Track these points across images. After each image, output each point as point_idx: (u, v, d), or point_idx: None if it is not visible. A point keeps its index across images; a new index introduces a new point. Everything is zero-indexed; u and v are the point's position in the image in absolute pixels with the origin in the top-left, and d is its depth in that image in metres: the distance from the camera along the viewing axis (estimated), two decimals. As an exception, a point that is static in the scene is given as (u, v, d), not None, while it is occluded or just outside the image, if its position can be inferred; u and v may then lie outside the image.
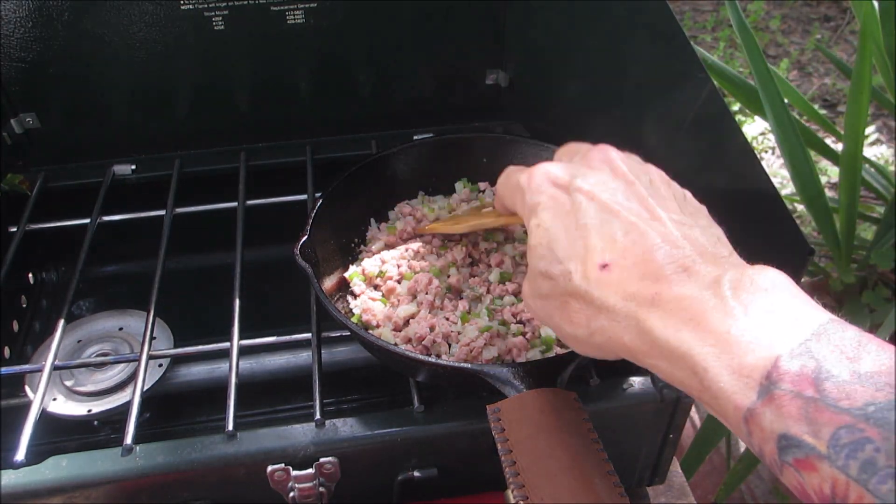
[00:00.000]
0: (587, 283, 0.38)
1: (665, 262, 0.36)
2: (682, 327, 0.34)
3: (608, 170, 0.42)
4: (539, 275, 0.41)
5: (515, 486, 0.42)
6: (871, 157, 1.74)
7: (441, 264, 0.68)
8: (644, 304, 0.35)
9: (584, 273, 0.38)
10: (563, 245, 0.39)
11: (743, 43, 1.16)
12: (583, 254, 0.38)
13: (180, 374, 0.73)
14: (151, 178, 0.85)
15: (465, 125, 0.92)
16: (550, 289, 0.40)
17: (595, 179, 0.41)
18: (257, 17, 0.79)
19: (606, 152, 0.44)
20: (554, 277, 0.39)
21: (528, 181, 0.44)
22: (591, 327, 0.38)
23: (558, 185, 0.42)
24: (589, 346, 0.39)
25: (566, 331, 0.40)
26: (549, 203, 0.41)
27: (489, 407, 0.48)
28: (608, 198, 0.40)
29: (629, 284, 0.36)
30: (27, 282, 0.89)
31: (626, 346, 0.36)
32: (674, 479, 0.72)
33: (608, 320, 0.37)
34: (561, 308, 0.40)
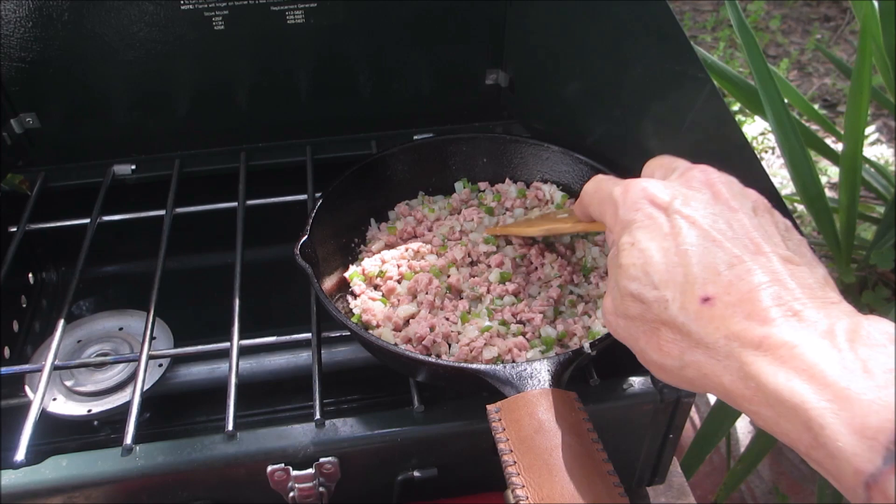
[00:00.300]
0: (685, 314, 0.36)
1: (773, 303, 0.34)
2: (795, 377, 0.31)
3: (710, 193, 0.40)
4: (629, 296, 0.39)
5: (515, 486, 0.42)
6: (871, 157, 1.74)
7: (441, 264, 0.68)
8: (749, 346, 0.33)
9: (682, 303, 0.36)
10: (659, 269, 0.37)
11: (743, 43, 1.16)
12: (682, 283, 0.36)
13: (180, 374, 0.73)
14: (151, 178, 0.85)
15: (465, 125, 0.92)
16: (640, 312, 0.38)
17: (697, 203, 0.39)
18: (257, 16, 0.79)
19: (708, 173, 0.42)
20: (647, 302, 0.38)
21: (623, 195, 0.42)
22: (684, 360, 0.36)
23: (656, 204, 0.40)
24: (677, 377, 0.38)
25: (653, 358, 0.39)
26: (645, 222, 0.40)
27: (489, 407, 0.48)
28: (710, 225, 0.38)
29: (733, 322, 0.34)
30: (27, 282, 0.89)
31: (723, 386, 0.35)
32: (674, 479, 0.72)
33: (706, 357, 0.35)
34: (650, 334, 0.38)
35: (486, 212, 0.75)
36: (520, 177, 0.78)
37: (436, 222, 0.74)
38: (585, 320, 0.64)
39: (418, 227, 0.74)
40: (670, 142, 0.66)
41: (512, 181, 0.78)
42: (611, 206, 0.43)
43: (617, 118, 0.73)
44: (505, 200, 0.76)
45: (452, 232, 0.73)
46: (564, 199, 0.74)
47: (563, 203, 0.74)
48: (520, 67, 0.87)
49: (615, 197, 0.42)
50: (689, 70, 0.59)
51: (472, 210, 0.75)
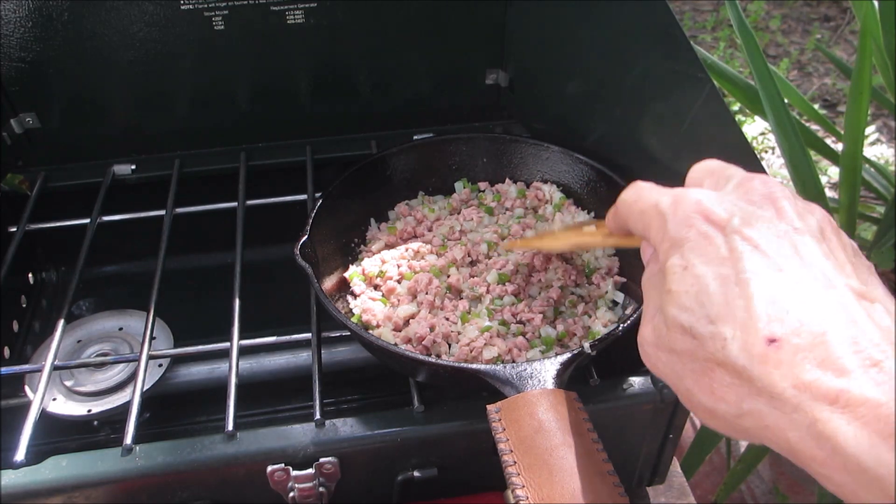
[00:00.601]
0: (748, 357, 0.31)
1: (851, 350, 0.29)
2: (881, 443, 0.27)
3: (773, 210, 0.35)
4: (678, 328, 0.34)
5: (515, 486, 0.42)
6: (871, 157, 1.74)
7: (441, 264, 0.68)
8: (824, 400, 0.29)
9: (744, 343, 0.31)
10: (717, 301, 0.32)
11: (743, 43, 1.16)
12: (745, 319, 0.31)
13: (180, 374, 0.73)
14: (151, 178, 0.85)
15: (465, 125, 0.92)
16: (691, 348, 0.33)
17: (760, 223, 0.34)
18: (257, 17, 0.79)
19: (770, 186, 0.36)
20: (699, 338, 0.33)
21: (672, 207, 0.36)
22: (741, 408, 0.32)
23: (713, 221, 0.34)
24: (731, 426, 0.33)
25: (701, 401, 0.34)
26: (699, 242, 0.34)
27: (489, 407, 0.48)
28: (776, 250, 0.33)
29: (804, 371, 0.30)
30: (27, 282, 0.89)
31: (788, 442, 0.30)
32: (674, 479, 0.72)
33: (769, 407, 0.30)
34: (700, 374, 0.33)
35: (486, 212, 0.75)
36: (520, 177, 0.78)
37: (436, 222, 0.74)
38: (585, 320, 0.64)
39: (418, 227, 0.74)
40: (670, 142, 0.66)
41: (512, 181, 0.78)
42: (657, 220, 0.37)
43: (617, 118, 0.73)
44: (505, 200, 0.76)
45: (452, 232, 0.73)
46: (563, 201, 0.74)
47: (562, 204, 0.74)
48: (520, 67, 0.87)
49: (662, 209, 0.37)
50: (689, 70, 0.59)
51: (471, 210, 0.75)
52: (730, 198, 0.36)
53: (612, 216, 0.44)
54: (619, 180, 0.69)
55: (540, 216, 0.74)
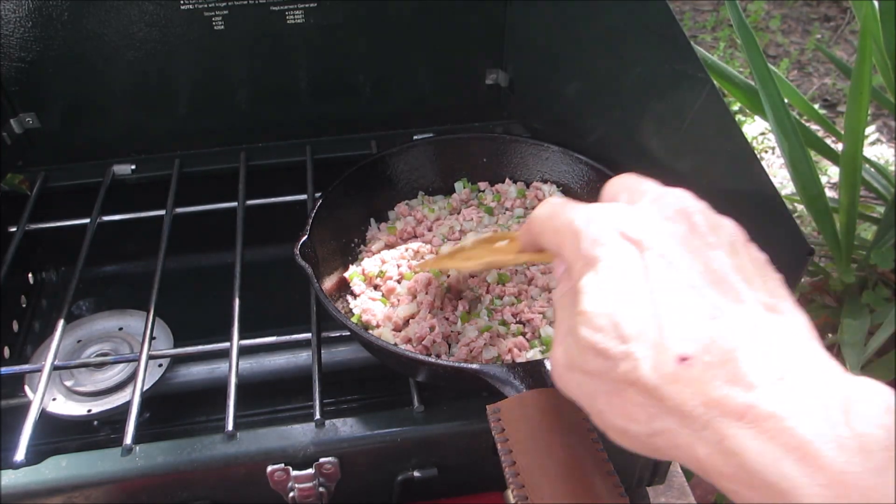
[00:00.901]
0: (659, 376, 0.30)
1: (758, 365, 0.29)
2: (784, 457, 0.27)
3: (686, 225, 0.34)
4: (590, 349, 0.33)
5: (515, 486, 0.42)
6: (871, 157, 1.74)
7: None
8: (731, 415, 0.29)
9: (655, 363, 0.31)
10: (629, 320, 0.32)
11: (743, 43, 1.16)
12: (655, 337, 0.31)
13: (180, 374, 0.73)
14: (151, 178, 0.85)
15: (465, 125, 0.92)
16: (603, 369, 0.32)
17: (674, 239, 0.34)
18: (257, 17, 0.79)
19: (684, 201, 0.36)
20: (611, 358, 0.32)
21: (586, 224, 0.35)
22: (652, 427, 0.31)
23: (627, 238, 0.34)
24: (643, 445, 0.33)
25: (614, 422, 0.33)
26: (613, 260, 0.33)
27: (489, 407, 0.48)
28: (689, 266, 0.32)
29: (713, 387, 0.29)
30: (27, 282, 0.89)
31: (698, 460, 0.30)
32: (674, 479, 0.72)
33: (679, 426, 0.30)
34: (612, 394, 0.33)
35: (485, 212, 0.75)
36: (520, 177, 0.78)
37: (436, 222, 0.74)
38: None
39: (418, 227, 0.74)
40: (670, 142, 0.66)
41: (512, 181, 0.78)
42: (571, 238, 0.36)
43: (617, 118, 0.73)
44: (505, 200, 0.76)
45: (452, 232, 0.73)
46: (564, 200, 0.74)
47: None
48: (520, 67, 0.87)
49: (577, 226, 0.36)
50: (689, 70, 0.59)
51: (471, 210, 0.75)
52: (644, 214, 0.35)
53: (524, 232, 0.44)
54: (619, 180, 0.69)
55: (540, 216, 0.74)
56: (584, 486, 0.41)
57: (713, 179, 0.61)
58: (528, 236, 0.43)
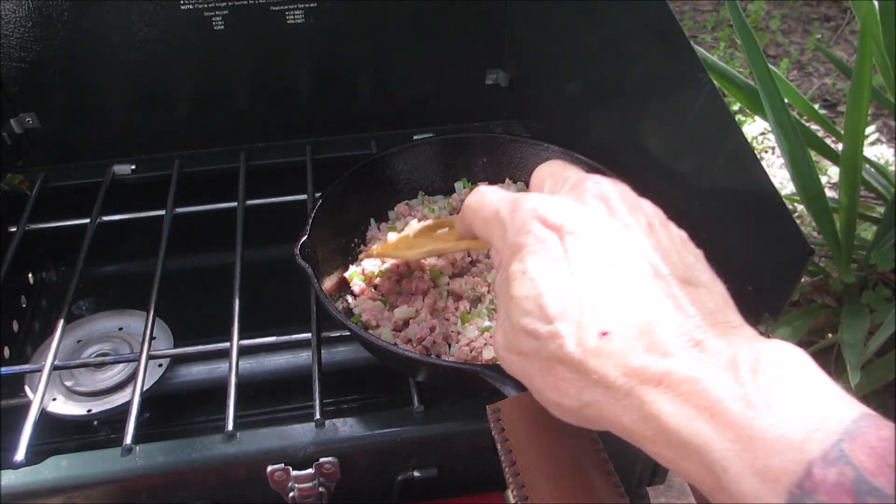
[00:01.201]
0: (582, 351, 0.32)
1: (674, 333, 0.31)
2: (697, 416, 0.29)
3: (604, 208, 0.37)
4: (522, 331, 0.35)
5: (515, 486, 0.42)
6: (871, 157, 1.74)
7: (441, 264, 0.68)
8: (649, 382, 0.31)
9: (579, 339, 0.33)
10: (553, 301, 0.34)
11: (743, 43, 1.16)
12: (578, 315, 0.33)
13: (180, 374, 0.73)
14: (151, 178, 0.85)
15: (465, 125, 0.92)
16: (534, 349, 0.35)
17: (591, 223, 0.36)
18: (257, 17, 0.79)
19: (601, 186, 0.38)
20: (540, 338, 0.34)
21: (511, 214, 0.38)
22: (582, 399, 0.33)
23: (548, 224, 0.36)
24: (577, 417, 0.35)
25: (549, 397, 0.35)
26: (536, 246, 0.35)
27: (489, 407, 0.47)
28: (606, 247, 0.35)
29: (632, 357, 0.31)
30: (27, 282, 0.89)
31: (623, 426, 0.32)
32: (674, 478, 0.72)
33: (604, 396, 0.32)
34: (545, 372, 0.35)
35: (486, 212, 0.75)
36: (520, 177, 0.78)
37: (436, 222, 0.74)
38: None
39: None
40: (670, 142, 0.66)
41: (512, 181, 0.78)
42: (498, 227, 0.39)
43: (617, 118, 0.73)
44: (505, 200, 0.76)
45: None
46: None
47: None
48: (520, 67, 0.87)
49: (502, 216, 0.38)
50: (689, 70, 0.59)
51: (472, 210, 0.75)
52: (564, 200, 0.37)
53: (459, 221, 0.45)
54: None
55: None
56: (584, 487, 0.42)
57: (713, 179, 0.60)
58: (463, 225, 0.45)
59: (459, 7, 0.83)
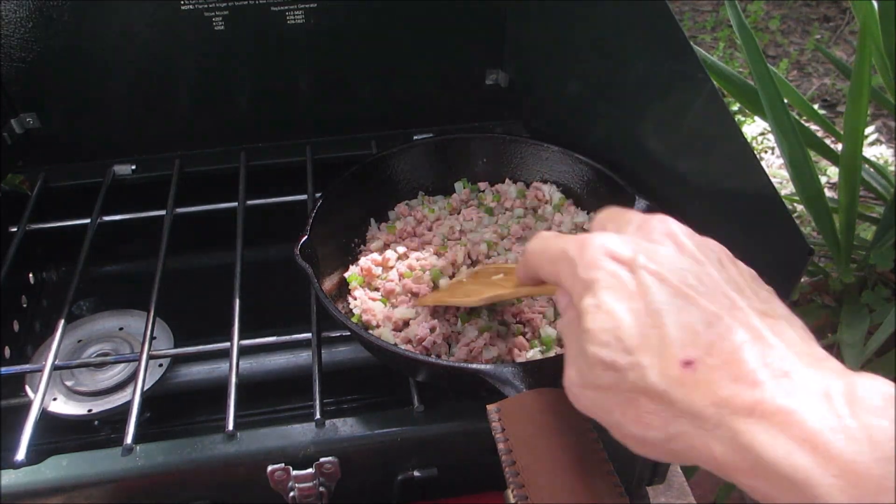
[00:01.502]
0: (667, 381, 0.32)
1: (759, 363, 0.31)
2: (796, 449, 0.28)
3: (673, 246, 0.37)
4: (599, 364, 0.35)
5: (515, 486, 0.42)
6: (870, 157, 1.74)
7: (441, 265, 0.68)
8: (741, 412, 0.30)
9: (661, 369, 0.32)
10: (632, 333, 0.34)
11: (743, 43, 1.16)
12: (658, 346, 0.33)
13: (180, 374, 0.73)
14: (151, 178, 0.86)
15: (465, 125, 0.92)
16: (614, 381, 0.34)
17: (663, 258, 0.36)
18: (257, 17, 0.79)
19: (668, 224, 0.38)
20: (620, 369, 0.34)
21: (579, 252, 0.38)
22: (668, 431, 0.33)
23: (619, 259, 0.36)
24: (662, 451, 0.34)
25: (632, 432, 0.35)
26: (609, 281, 0.36)
27: (489, 407, 0.48)
28: (679, 280, 0.35)
29: (720, 387, 0.31)
30: (27, 282, 0.89)
31: (715, 458, 0.31)
32: (674, 478, 0.72)
33: (693, 427, 0.32)
34: (626, 405, 0.34)
35: (485, 212, 0.75)
36: (520, 177, 0.78)
37: (436, 222, 0.74)
38: (585, 320, 0.64)
39: (418, 227, 0.74)
40: (670, 142, 0.66)
41: (512, 181, 0.78)
42: (566, 266, 0.38)
43: (617, 118, 0.73)
44: (505, 200, 0.76)
45: (452, 232, 0.73)
46: (563, 201, 0.74)
47: (562, 204, 0.74)
48: (520, 67, 0.87)
49: (570, 255, 0.38)
50: (689, 70, 0.59)
51: (471, 210, 0.75)
52: (632, 238, 0.38)
53: (521, 267, 0.46)
54: (618, 180, 0.69)
55: (539, 216, 0.75)
56: (584, 486, 0.42)
57: (713, 179, 0.61)
58: (526, 270, 0.45)
59: (459, 7, 0.83)
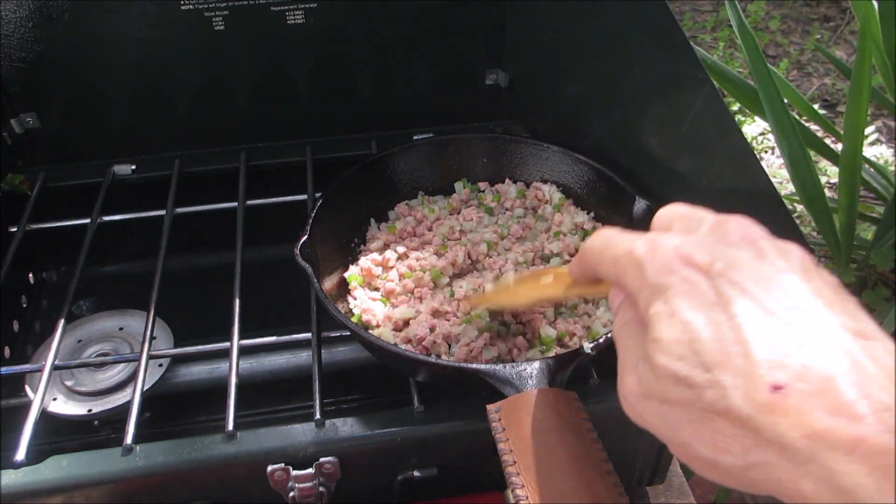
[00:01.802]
0: (753, 406, 0.29)
1: (858, 393, 0.28)
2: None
3: (753, 251, 0.34)
4: (671, 377, 0.32)
5: (515, 486, 0.42)
6: (870, 157, 1.74)
7: (441, 265, 0.68)
8: (838, 449, 0.27)
9: (746, 391, 0.29)
10: (711, 347, 0.31)
11: (743, 43, 1.16)
12: (744, 365, 0.30)
13: (180, 374, 0.73)
14: (151, 178, 0.85)
15: (465, 125, 0.92)
16: (687, 397, 0.31)
17: (745, 266, 0.32)
18: (257, 17, 0.79)
19: (747, 227, 0.35)
20: (696, 386, 0.31)
21: (649, 253, 0.35)
22: (748, 459, 0.30)
23: (695, 265, 0.33)
24: (736, 478, 0.31)
25: (702, 454, 0.32)
26: (683, 287, 0.33)
27: (489, 407, 0.48)
28: (764, 293, 0.31)
29: (814, 418, 0.28)
30: (27, 282, 0.89)
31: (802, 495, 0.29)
32: (674, 478, 0.72)
33: (781, 458, 0.29)
34: (698, 424, 0.31)
35: (485, 212, 0.75)
36: (520, 177, 0.78)
37: (436, 222, 0.74)
38: (585, 320, 0.64)
39: (418, 227, 0.74)
40: (670, 142, 0.66)
41: (512, 181, 0.78)
42: (633, 267, 0.35)
43: (617, 118, 0.73)
44: (505, 200, 0.76)
45: (452, 232, 0.73)
46: (563, 201, 0.74)
47: (562, 204, 0.74)
48: (520, 67, 0.87)
49: (638, 255, 0.35)
50: (689, 70, 0.59)
51: (471, 210, 0.75)
52: (707, 241, 0.34)
53: (577, 265, 0.43)
54: (618, 180, 0.69)
55: (539, 216, 0.75)
56: (583, 486, 0.42)
57: (713, 179, 0.61)
58: (582, 268, 0.42)
59: (459, 7, 0.83)
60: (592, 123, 0.77)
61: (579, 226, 0.72)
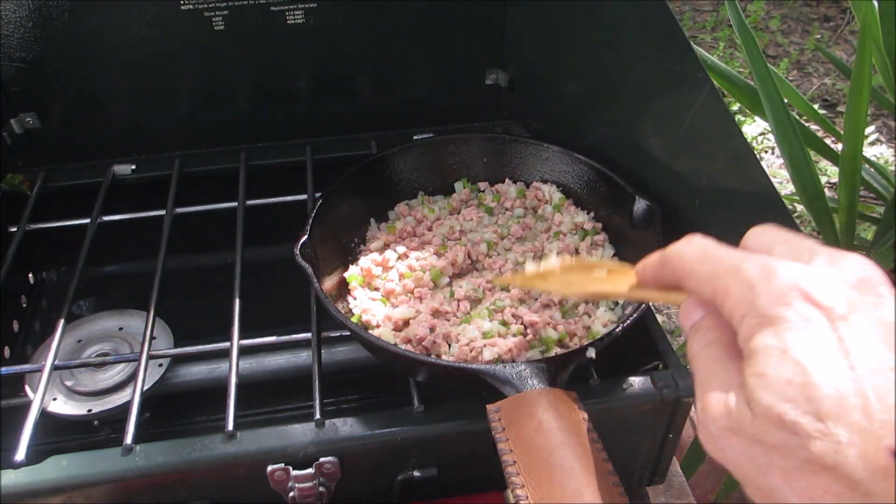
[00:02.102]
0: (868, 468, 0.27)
1: None
2: None
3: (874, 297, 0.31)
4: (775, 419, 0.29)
5: (515, 486, 0.42)
6: (871, 157, 1.74)
7: (441, 265, 0.68)
8: None
9: (864, 452, 0.27)
10: (828, 396, 0.28)
11: (743, 43, 1.16)
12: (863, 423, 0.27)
13: (180, 374, 0.73)
14: (151, 178, 0.85)
15: (465, 125, 0.92)
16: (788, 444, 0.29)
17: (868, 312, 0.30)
18: (257, 17, 0.79)
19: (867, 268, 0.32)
20: (802, 434, 0.28)
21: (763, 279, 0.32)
22: None
23: (814, 303, 0.30)
24: None
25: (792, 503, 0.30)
26: (800, 325, 0.30)
27: (489, 407, 0.48)
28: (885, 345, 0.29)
29: None
30: (27, 282, 0.89)
31: None
32: (674, 478, 0.72)
33: None
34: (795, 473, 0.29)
35: (485, 212, 0.75)
36: (519, 177, 0.78)
37: (436, 222, 0.74)
38: (586, 320, 0.64)
39: (418, 227, 0.74)
40: (670, 142, 0.66)
41: (512, 181, 0.78)
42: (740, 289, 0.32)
43: (617, 118, 0.73)
44: (504, 200, 0.76)
45: (452, 232, 0.73)
46: (563, 201, 0.74)
47: (562, 204, 0.74)
48: (520, 67, 0.87)
49: (748, 278, 0.32)
50: (689, 70, 0.59)
51: (471, 210, 0.75)
52: (827, 278, 0.31)
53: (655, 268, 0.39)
54: (618, 180, 0.69)
55: (539, 216, 0.75)
56: (583, 486, 0.42)
57: (713, 179, 0.61)
58: (661, 273, 0.38)
59: (459, 7, 0.83)
60: (592, 123, 0.77)
61: (579, 226, 0.72)
